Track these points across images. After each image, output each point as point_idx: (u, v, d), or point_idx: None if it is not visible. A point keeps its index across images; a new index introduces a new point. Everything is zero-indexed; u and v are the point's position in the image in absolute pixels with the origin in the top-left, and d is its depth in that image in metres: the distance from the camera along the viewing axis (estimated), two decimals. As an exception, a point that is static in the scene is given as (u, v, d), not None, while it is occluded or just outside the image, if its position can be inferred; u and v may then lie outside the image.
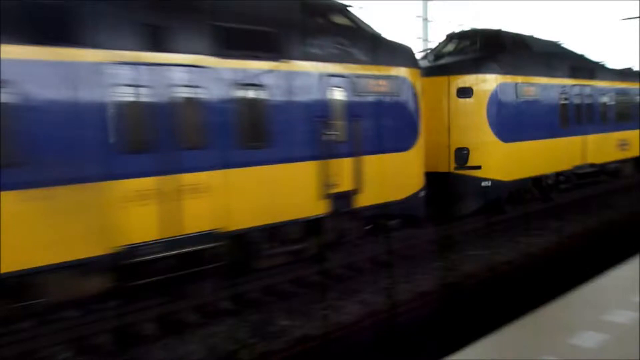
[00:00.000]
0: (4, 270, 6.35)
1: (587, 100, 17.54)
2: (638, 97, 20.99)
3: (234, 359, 7.15)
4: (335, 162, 9.79)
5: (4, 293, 6.63)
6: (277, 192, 9.01)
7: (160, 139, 7.66)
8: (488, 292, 9.14)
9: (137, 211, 7.40)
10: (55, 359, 6.89)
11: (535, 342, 4.94)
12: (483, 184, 13.70)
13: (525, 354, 4.72)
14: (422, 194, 11.71)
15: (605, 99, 18.66)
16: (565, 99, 16.39)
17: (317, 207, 9.65)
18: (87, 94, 6.99)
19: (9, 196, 6.37)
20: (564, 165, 16.39)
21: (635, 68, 22.79)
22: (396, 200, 10.99)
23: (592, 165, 17.63)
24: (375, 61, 10.60)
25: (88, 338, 7.22)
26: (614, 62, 39.31)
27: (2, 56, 6.28)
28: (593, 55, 27.22)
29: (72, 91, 6.86)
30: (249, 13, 8.92)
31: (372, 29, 11.12)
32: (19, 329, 7.09)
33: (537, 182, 15.51)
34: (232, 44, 8.43)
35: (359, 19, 11.08)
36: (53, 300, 7.06)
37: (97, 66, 7.06)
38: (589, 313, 5.61)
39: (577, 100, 16.95)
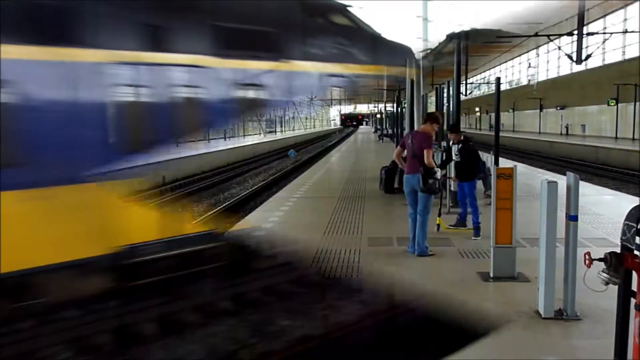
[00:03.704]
0: (4, 270, 6.36)
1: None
2: None
3: (234, 359, 7.14)
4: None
5: (4, 293, 6.64)
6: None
7: (160, 139, 7.66)
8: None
9: (137, 211, 7.40)
10: (55, 359, 6.90)
11: (535, 342, 4.94)
12: None
13: (525, 354, 4.72)
14: None
15: None
16: None
17: None
18: (87, 94, 7.00)
19: (9, 196, 6.38)
20: None
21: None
22: None
23: None
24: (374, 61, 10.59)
25: (88, 338, 7.22)
26: None
27: (2, 56, 6.29)
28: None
29: (72, 91, 6.86)
30: (248, 13, 8.92)
31: (371, 28, 11.10)
32: (19, 329, 7.10)
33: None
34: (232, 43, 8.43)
35: (358, 18, 11.06)
36: (53, 300, 7.07)
37: (97, 66, 7.08)
38: (589, 313, 5.60)
39: None
